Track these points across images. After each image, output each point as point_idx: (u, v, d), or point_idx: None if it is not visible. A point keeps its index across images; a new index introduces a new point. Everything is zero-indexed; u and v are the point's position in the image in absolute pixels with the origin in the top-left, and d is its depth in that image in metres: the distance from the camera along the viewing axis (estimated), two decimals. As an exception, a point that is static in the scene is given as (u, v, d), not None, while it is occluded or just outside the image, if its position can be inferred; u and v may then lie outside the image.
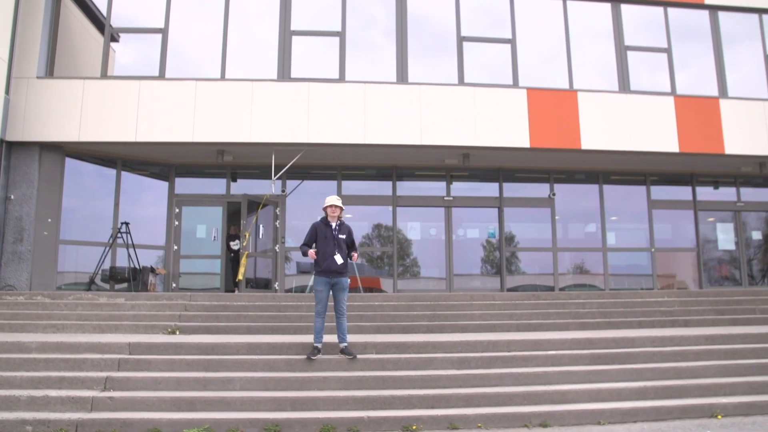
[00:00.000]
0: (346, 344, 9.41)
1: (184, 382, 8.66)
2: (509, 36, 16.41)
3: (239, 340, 9.96)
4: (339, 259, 9.36)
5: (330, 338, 9.79)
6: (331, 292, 9.47)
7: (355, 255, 9.79)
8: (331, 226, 9.53)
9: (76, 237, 15.63)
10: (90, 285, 15.09)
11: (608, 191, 17.61)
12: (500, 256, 16.93)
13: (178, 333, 11.47)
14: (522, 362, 9.55)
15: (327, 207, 9.57)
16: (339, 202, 9.59)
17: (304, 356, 9.25)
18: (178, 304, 12.54)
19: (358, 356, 9.30)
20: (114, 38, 17.07)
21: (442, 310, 12.75)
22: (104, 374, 8.70)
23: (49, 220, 14.93)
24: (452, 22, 16.29)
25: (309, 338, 9.59)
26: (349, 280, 9.67)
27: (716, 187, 18.30)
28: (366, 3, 16.54)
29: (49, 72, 15.55)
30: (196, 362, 9.16)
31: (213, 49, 15.85)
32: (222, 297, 13.04)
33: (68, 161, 15.57)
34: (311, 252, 9.40)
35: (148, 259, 15.91)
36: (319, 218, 9.73)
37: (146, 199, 16.70)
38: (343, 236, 9.54)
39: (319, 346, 9.38)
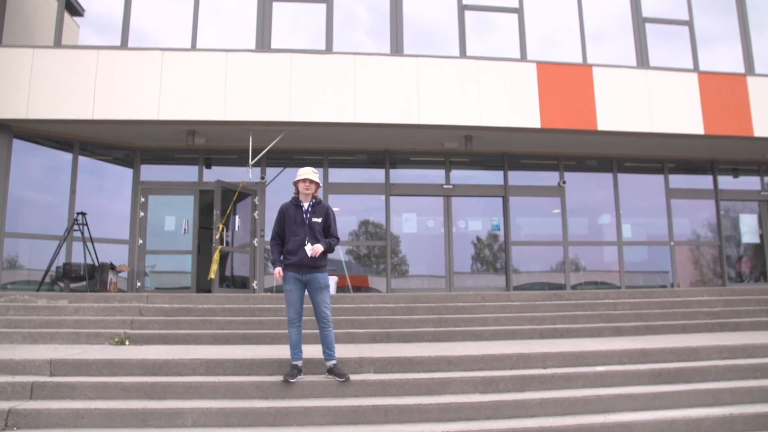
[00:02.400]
0: (334, 362, 6.72)
1: (115, 417, 5.95)
2: (516, 5, 13.78)
3: (199, 355, 7.25)
4: (310, 249, 6.72)
5: (314, 350, 7.12)
6: (306, 293, 6.86)
7: (318, 248, 6.72)
8: (302, 206, 6.88)
9: (25, 229, 12.80)
10: (41, 285, 12.29)
11: (623, 180, 15.00)
12: (506, 251, 14.28)
13: (127, 343, 8.73)
14: (564, 382, 6.89)
15: (298, 181, 6.89)
16: (315, 176, 6.89)
17: (280, 377, 6.58)
18: (132, 307, 9.77)
19: (352, 377, 6.64)
20: (78, 12, 14.34)
21: (449, 313, 10.07)
22: (7, 406, 5.98)
23: (-7, 210, 12.16)
24: (452, -11, 13.68)
25: (288, 351, 6.88)
26: (328, 277, 6.98)
27: (736, 176, 15.74)
28: (356, -32, 13.89)
29: (-5, 41, 12.79)
30: (137, 387, 6.44)
31: (183, 16, 13.12)
32: (185, 298, 10.28)
33: (16, 143, 12.75)
34: (276, 270, 6.84)
35: (108, 254, 13.11)
36: (290, 199, 7.08)
37: (107, 187, 13.89)
38: (318, 219, 6.86)
39: (299, 364, 6.70)
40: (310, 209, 6.86)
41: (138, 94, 12.30)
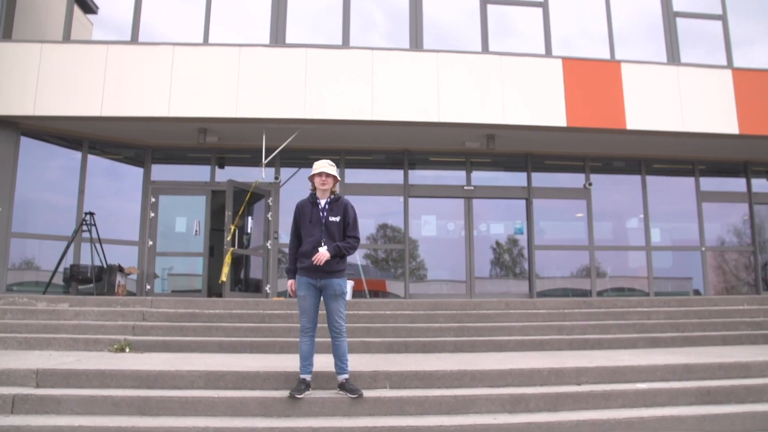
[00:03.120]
0: (346, 376, 5.93)
1: (101, 436, 5.22)
2: (541, -2, 12.99)
3: (199, 366, 6.51)
4: (327, 251, 5.95)
5: (325, 361, 6.35)
6: (322, 300, 6.07)
7: (323, 255, 5.85)
8: (318, 204, 6.08)
9: (33, 229, 12.17)
10: (47, 287, 11.64)
11: (651, 182, 14.09)
12: (529, 256, 13.42)
13: (128, 350, 8.01)
14: (602, 401, 6.05)
15: (314, 176, 6.10)
16: (331, 169, 6.09)
17: (286, 393, 5.81)
18: (135, 311, 9.05)
19: (365, 393, 5.85)
20: (91, 9, 13.74)
21: (471, 322, 9.24)
22: (-17, 422, 5.29)
23: (-1, 209, 11.54)
24: (475, -18, 12.88)
25: (297, 361, 6.10)
26: (346, 283, 6.19)
27: (771, 179, 14.79)
28: (374, -39, 13.14)
29: (6, 35, 12.15)
30: (129, 401, 5.70)
31: (195, 11, 12.42)
32: (192, 303, 9.54)
33: (24, 141, 12.13)
34: (288, 283, 6.18)
35: (117, 256, 12.43)
36: (308, 196, 6.28)
37: (117, 187, 13.23)
38: (336, 218, 6.03)
39: (308, 378, 5.91)
40: (327, 207, 6.04)
41: (147, 90, 11.62)
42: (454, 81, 12.03)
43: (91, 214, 11.99)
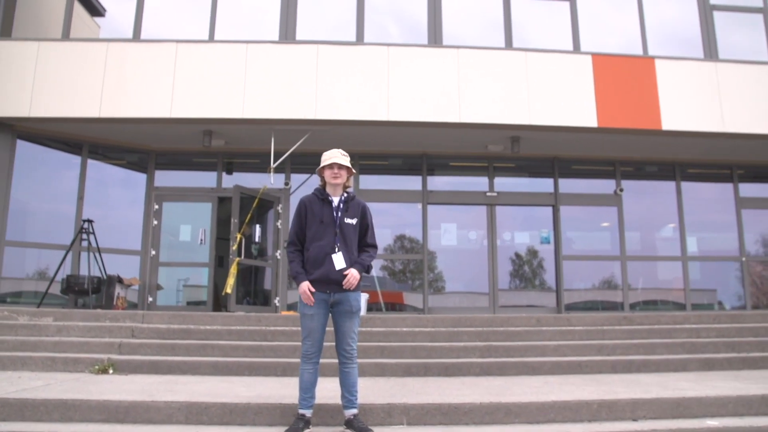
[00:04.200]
0: (355, 411, 4.69)
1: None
2: (568, -8, 11.78)
3: (181, 395, 5.33)
4: (341, 260, 4.72)
5: (330, 388, 5.14)
6: (330, 317, 4.84)
7: (354, 275, 4.72)
8: (331, 201, 4.86)
9: (29, 237, 11.12)
10: (43, 298, 10.53)
11: (686, 188, 12.75)
12: (556, 267, 12.10)
13: (111, 371, 6.86)
14: (667, 443, 4.80)
15: (324, 168, 4.90)
16: (345, 159, 4.87)
17: (282, 431, 4.62)
18: (124, 327, 7.88)
19: (377, 432, 4.65)
20: (99, 12, 12.76)
21: (498, 340, 7.95)
22: None
23: (-7, 216, 10.50)
24: (497, -26, 11.70)
25: (298, 388, 4.88)
26: (362, 298, 4.98)
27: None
28: (390, -46, 12.00)
29: (5, 34, 11.17)
30: (88, 441, 4.55)
31: (201, 7, 11.37)
32: (187, 318, 8.34)
33: (20, 144, 11.10)
34: (304, 286, 4.72)
35: (118, 266, 11.30)
36: (314, 191, 5.05)
37: (118, 193, 12.10)
38: (352, 220, 4.84)
39: (308, 414, 4.68)
40: (341, 206, 4.84)
41: (149, 90, 10.55)
42: (475, 79, 10.83)
43: (90, 221, 10.89)
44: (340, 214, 4.82)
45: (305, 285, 4.70)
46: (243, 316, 8.48)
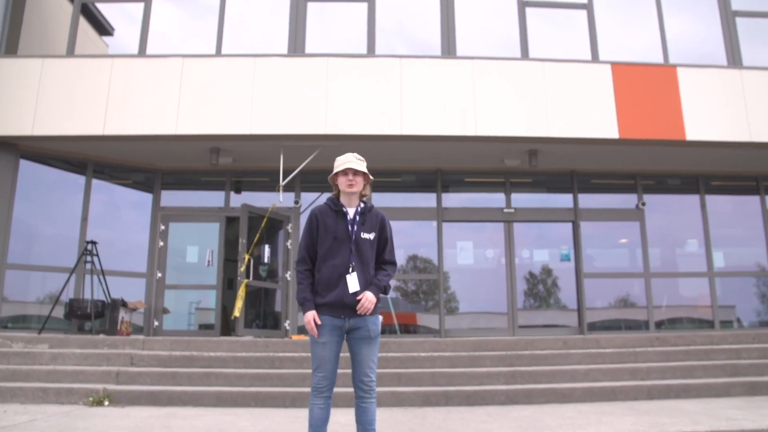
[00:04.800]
0: (371, 452, 4.05)
1: None
2: (584, 0, 11.18)
3: (177, 432, 4.70)
4: (356, 281, 4.02)
5: (345, 422, 4.48)
6: (345, 344, 4.15)
7: (370, 299, 4.02)
8: (345, 214, 4.20)
9: (32, 260, 10.58)
10: (45, 323, 9.94)
11: (710, 201, 12.05)
12: (577, 285, 11.38)
13: (106, 403, 6.24)
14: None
15: (337, 175, 4.20)
16: (360, 164, 4.19)
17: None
18: (123, 354, 7.26)
19: (397, 477, 3.97)
20: (107, 31, 12.34)
21: (524, 365, 7.27)
22: None
23: (-7, 238, 9.96)
24: (511, -16, 11.14)
25: (307, 421, 4.19)
26: (380, 321, 4.31)
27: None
28: (401, -34, 11.47)
29: (9, 51, 10.73)
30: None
31: (208, 22, 10.89)
32: (190, 344, 7.71)
33: (24, 164, 10.58)
34: (309, 317, 4.00)
35: (123, 289, 10.71)
36: (326, 200, 4.34)
37: (124, 214, 11.53)
38: (370, 235, 4.15)
39: (317, 458, 4.04)
40: (357, 218, 4.17)
41: (154, 106, 10.02)
42: (491, 90, 10.24)
43: (94, 243, 10.33)
44: (356, 228, 4.15)
45: (311, 315, 4.00)
46: (249, 341, 7.85)
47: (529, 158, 10.86)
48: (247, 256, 10.32)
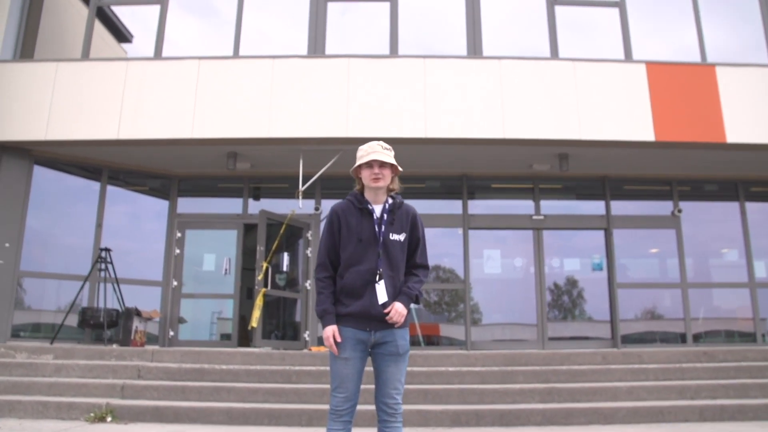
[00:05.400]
0: (397, 485, 3.41)
1: None
2: (617, -2, 10.54)
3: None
4: (384, 291, 3.42)
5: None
6: (369, 361, 3.54)
7: (401, 310, 3.42)
8: (371, 212, 3.57)
9: (45, 267, 10.14)
10: (57, 332, 9.49)
11: (750, 208, 11.26)
12: (610, 295, 10.64)
13: (109, 419, 5.69)
14: None
15: (362, 167, 3.57)
16: (387, 156, 3.54)
17: None
18: (130, 366, 6.72)
19: None
20: (126, 38, 11.98)
21: (561, 381, 6.60)
22: None
23: (7, 245, 9.49)
24: (540, -18, 10.53)
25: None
26: (408, 335, 3.68)
27: None
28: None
29: (25, 55, 10.35)
30: None
31: (225, 22, 10.42)
32: (201, 356, 7.15)
33: (37, 170, 10.15)
34: (329, 332, 3.41)
35: (138, 298, 10.22)
36: (348, 196, 3.70)
37: (139, 221, 11.06)
38: (399, 236, 3.53)
39: (334, 492, 3.41)
40: (385, 216, 3.55)
41: (170, 109, 9.54)
42: (520, 91, 9.62)
43: (108, 250, 9.87)
44: (383, 228, 3.52)
45: (331, 331, 3.40)
46: (265, 353, 7.26)
47: (559, 162, 10.19)
48: (265, 265, 9.77)
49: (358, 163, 3.58)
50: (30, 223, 9.96)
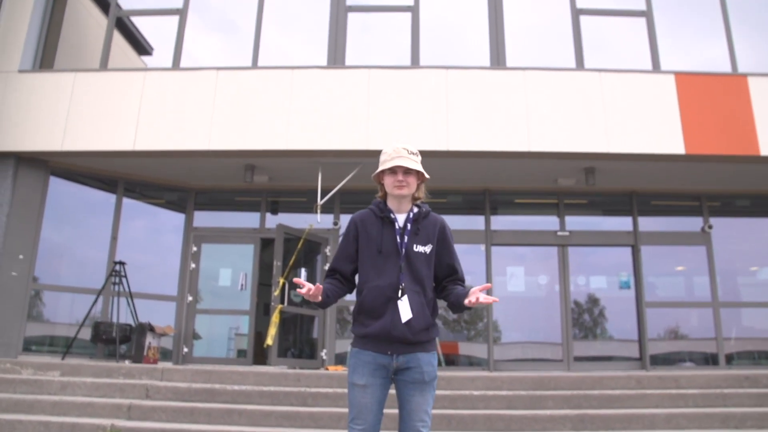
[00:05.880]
0: None
1: None
2: (643, 7, 10.08)
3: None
4: (407, 308, 3.00)
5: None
6: (392, 390, 3.10)
7: (475, 297, 2.92)
8: (393, 221, 3.18)
9: (59, 280, 9.86)
10: (69, 347, 9.19)
11: (783, 224, 10.74)
12: (638, 314, 10.09)
13: (114, 444, 5.29)
14: None
15: (384, 173, 3.24)
16: (413, 162, 3.20)
17: None
18: (138, 385, 6.33)
19: None
20: (146, 51, 11.78)
21: (593, 407, 6.07)
22: None
23: (21, 256, 9.22)
24: (564, -8, 10.13)
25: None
26: (437, 360, 3.25)
27: None
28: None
29: (45, 66, 10.13)
30: None
31: (244, 32, 10.13)
32: (213, 376, 6.74)
33: (53, 181, 9.90)
34: (308, 288, 2.92)
35: (152, 313, 9.87)
36: (371, 204, 3.32)
37: (155, 234, 10.76)
38: (425, 248, 3.15)
39: None
40: (409, 226, 3.18)
41: (187, 120, 9.25)
42: (545, 103, 9.20)
43: (122, 263, 9.55)
44: (407, 239, 3.14)
45: (307, 287, 2.92)
46: (279, 373, 6.83)
47: (585, 176, 9.74)
48: (281, 280, 9.37)
49: (381, 168, 3.20)
50: (45, 234, 9.70)
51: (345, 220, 10.50)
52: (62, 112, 9.43)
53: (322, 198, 9.48)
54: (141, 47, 11.90)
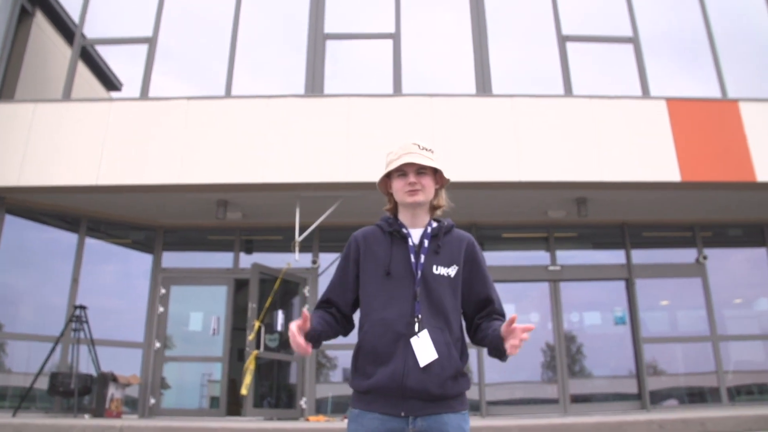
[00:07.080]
0: None
1: None
2: (629, 33, 9.57)
3: None
4: (426, 348, 2.11)
5: None
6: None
7: (515, 342, 2.12)
8: (406, 235, 2.30)
9: (13, 327, 8.77)
10: (21, 402, 8.06)
11: (778, 254, 10.12)
12: (635, 350, 9.29)
13: None
14: None
15: (393, 174, 2.38)
16: (426, 158, 2.34)
17: None
18: (92, 449, 5.31)
19: None
20: (115, 86, 10.96)
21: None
22: None
23: (-30, 303, 8.16)
24: (549, 18, 9.56)
25: None
26: (468, 420, 2.36)
27: None
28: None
29: (5, 97, 9.22)
30: None
31: (217, 60, 9.33)
32: (179, 434, 5.75)
33: (9, 219, 8.87)
34: (292, 328, 2.12)
35: (116, 361, 8.78)
36: (379, 220, 2.45)
37: (120, 276, 9.73)
38: (448, 270, 2.26)
39: None
40: (426, 243, 2.34)
41: (155, 154, 8.36)
42: (535, 131, 8.53)
43: (83, 308, 8.50)
44: (423, 259, 2.30)
45: (294, 326, 2.14)
46: (256, 430, 5.84)
47: (577, 207, 9.04)
48: (257, 324, 8.40)
49: (387, 169, 2.37)
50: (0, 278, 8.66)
51: (324, 258, 9.63)
52: (19, 144, 8.49)
53: (300, 235, 8.61)
54: (109, 82, 11.09)
